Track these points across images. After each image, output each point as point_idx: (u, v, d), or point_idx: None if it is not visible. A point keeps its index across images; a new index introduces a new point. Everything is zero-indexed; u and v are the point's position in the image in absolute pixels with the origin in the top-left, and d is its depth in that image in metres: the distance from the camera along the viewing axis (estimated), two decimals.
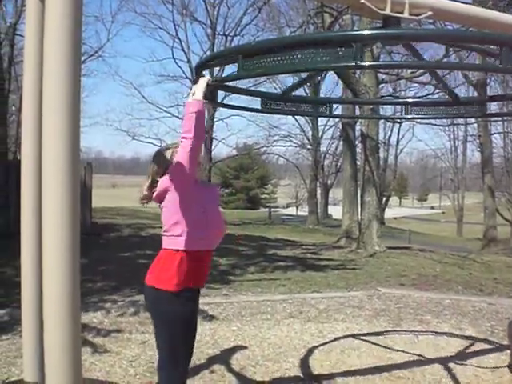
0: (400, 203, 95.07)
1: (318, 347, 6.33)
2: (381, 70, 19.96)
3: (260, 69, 3.17)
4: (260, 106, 4.81)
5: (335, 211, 38.96)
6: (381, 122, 35.96)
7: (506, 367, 5.73)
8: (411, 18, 3.21)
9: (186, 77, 35.61)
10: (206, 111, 35.05)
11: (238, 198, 64.67)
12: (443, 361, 5.98)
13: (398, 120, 38.04)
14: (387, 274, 12.13)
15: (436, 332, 7.20)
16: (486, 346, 6.64)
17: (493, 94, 27.19)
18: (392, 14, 3.17)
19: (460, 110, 5.10)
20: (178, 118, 37.42)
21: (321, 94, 39.45)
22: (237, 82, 4.51)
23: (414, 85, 30.47)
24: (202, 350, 6.07)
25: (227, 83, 4.46)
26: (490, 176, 28.58)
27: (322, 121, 44.98)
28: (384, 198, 52.07)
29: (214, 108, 33.11)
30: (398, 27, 3.21)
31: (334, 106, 5.50)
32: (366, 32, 3.15)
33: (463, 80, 29.20)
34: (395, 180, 60.84)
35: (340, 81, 23.22)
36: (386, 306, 8.67)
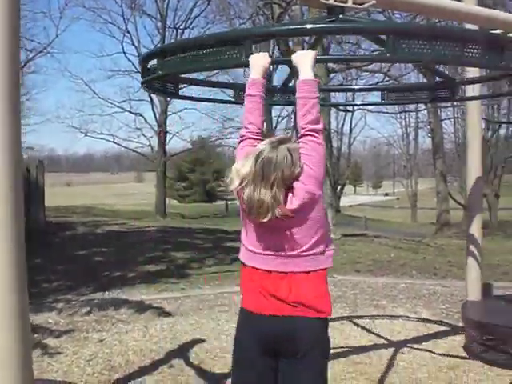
0: (355, 191, 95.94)
1: None
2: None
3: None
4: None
5: None
6: (333, 111, 36.32)
7: (461, 348, 5.87)
8: (355, 6, 3.23)
9: (137, 71, 35.19)
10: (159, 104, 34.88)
11: (195, 191, 64.31)
12: (399, 344, 6.08)
13: (350, 108, 38.62)
14: (343, 261, 12.26)
15: (392, 316, 7.33)
16: (441, 328, 6.78)
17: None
18: (336, 4, 3.18)
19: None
20: (130, 112, 37.00)
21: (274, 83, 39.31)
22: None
23: (365, 73, 30.66)
24: (160, 345, 6.06)
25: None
26: (441, 161, 29.05)
27: (275, 112, 45.11)
28: (339, 187, 52.55)
29: (167, 101, 32.87)
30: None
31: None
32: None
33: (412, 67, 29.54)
34: (349, 168, 61.39)
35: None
36: (342, 293, 8.78)
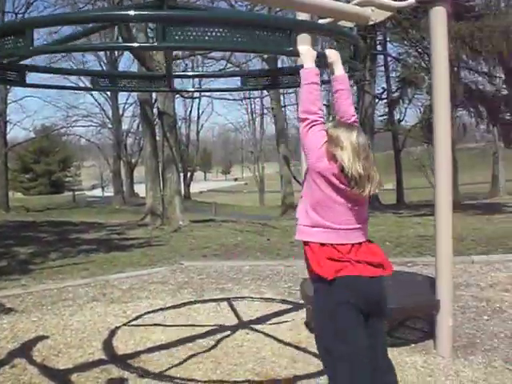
0: (205, 177, 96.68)
1: (122, 327, 6.27)
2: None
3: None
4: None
5: (141, 190, 38.76)
6: (180, 98, 36.23)
7: (303, 324, 6.10)
8: None
9: None
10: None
11: (40, 182, 61.55)
12: (244, 325, 6.21)
13: (196, 94, 38.69)
14: (191, 247, 12.34)
15: (237, 298, 7.46)
16: (284, 306, 6.99)
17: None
18: None
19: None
20: None
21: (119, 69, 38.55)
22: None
23: (210, 60, 30.87)
24: (1, 345, 5.75)
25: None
26: (284, 146, 29.99)
27: (121, 99, 44.29)
28: (189, 174, 52.69)
29: (6, 89, 31.14)
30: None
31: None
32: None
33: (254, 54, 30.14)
34: (198, 155, 61.71)
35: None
36: (189, 279, 8.83)
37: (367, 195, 3.06)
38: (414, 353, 5.07)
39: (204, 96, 40.76)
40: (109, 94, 40.48)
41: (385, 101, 30.85)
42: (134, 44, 9.38)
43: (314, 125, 3.15)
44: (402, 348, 5.20)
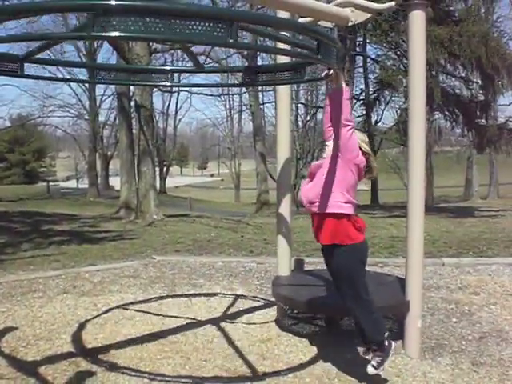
0: (181, 172, 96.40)
1: (92, 320, 6.23)
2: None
3: None
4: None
5: (116, 182, 38.51)
6: (158, 92, 36.05)
7: (274, 322, 6.12)
8: None
9: None
10: None
11: (14, 172, 60.84)
12: (215, 321, 6.21)
13: (175, 89, 38.50)
14: (164, 242, 12.30)
15: (209, 294, 7.46)
16: (255, 303, 7.00)
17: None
18: None
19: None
20: None
21: (98, 61, 38.30)
22: None
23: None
24: None
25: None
26: (261, 143, 30.08)
27: (99, 90, 43.97)
28: (165, 168, 52.52)
29: None
30: None
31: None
32: None
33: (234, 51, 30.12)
34: (175, 149, 61.52)
35: None
36: (161, 274, 8.80)
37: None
38: None
39: (182, 91, 40.60)
40: (87, 85, 40.20)
41: (362, 102, 31.02)
42: (60, 33, 9.04)
43: (354, 130, 4.18)
44: None
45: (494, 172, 36.02)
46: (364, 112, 31.42)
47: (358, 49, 28.91)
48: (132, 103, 22.78)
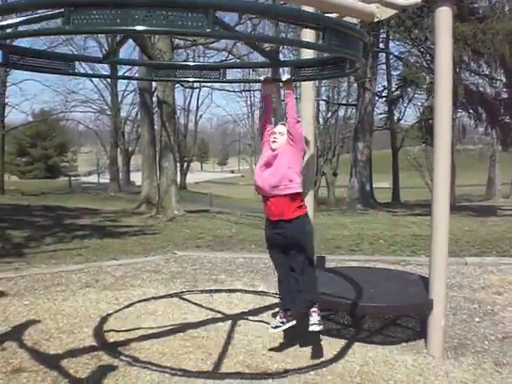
0: (202, 168, 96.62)
1: (114, 315, 6.26)
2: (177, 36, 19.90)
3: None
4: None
5: (137, 178, 38.72)
6: (180, 88, 36.12)
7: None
8: None
9: None
10: None
11: (36, 167, 61.43)
12: (236, 317, 6.20)
13: (196, 85, 38.52)
14: (185, 237, 12.32)
15: (230, 290, 7.45)
16: (276, 300, 6.91)
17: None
18: None
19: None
20: None
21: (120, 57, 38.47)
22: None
23: (211, 51, 30.85)
24: None
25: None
26: None
27: (121, 86, 44.20)
28: (185, 164, 52.63)
29: (6, 71, 31.04)
30: None
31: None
32: None
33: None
34: (196, 145, 61.63)
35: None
36: (183, 269, 8.82)
37: None
38: (404, 352, 5.09)
39: (204, 87, 40.62)
40: (108, 80, 40.39)
41: (385, 99, 30.86)
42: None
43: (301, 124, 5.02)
44: (393, 346, 5.22)
45: None
46: (386, 109, 31.25)
47: (381, 45, 28.77)
48: (154, 99, 22.86)
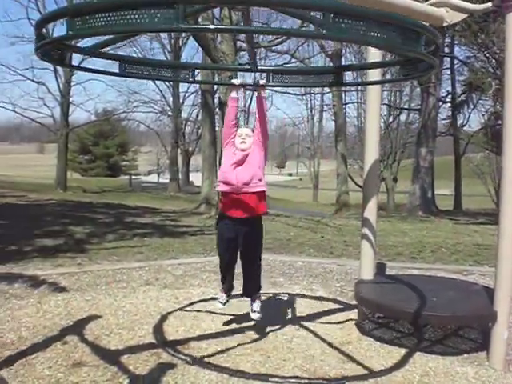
0: None
1: (173, 313, 6.34)
2: (240, 38, 20.06)
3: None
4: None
5: (197, 178, 39.16)
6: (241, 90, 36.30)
7: (354, 325, 6.05)
8: None
9: None
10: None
11: (98, 165, 62.80)
12: (295, 321, 6.20)
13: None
14: None
15: (288, 293, 7.43)
16: (335, 305, 6.92)
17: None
18: None
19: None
20: (32, 81, 35.62)
21: (182, 59, 39.13)
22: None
23: (273, 54, 30.92)
24: (54, 321, 5.88)
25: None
26: (342, 144, 29.75)
27: (182, 87, 44.73)
28: None
29: (70, 71, 31.84)
30: None
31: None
32: None
33: (319, 50, 30.07)
34: None
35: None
36: (241, 270, 8.82)
37: None
38: (465, 363, 4.97)
39: (268, 89, 40.68)
40: (171, 82, 40.93)
41: (449, 104, 30.29)
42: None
43: None
44: (454, 357, 5.11)
45: None
46: (449, 114, 30.65)
47: (446, 49, 28.27)
48: (216, 100, 23.06)
